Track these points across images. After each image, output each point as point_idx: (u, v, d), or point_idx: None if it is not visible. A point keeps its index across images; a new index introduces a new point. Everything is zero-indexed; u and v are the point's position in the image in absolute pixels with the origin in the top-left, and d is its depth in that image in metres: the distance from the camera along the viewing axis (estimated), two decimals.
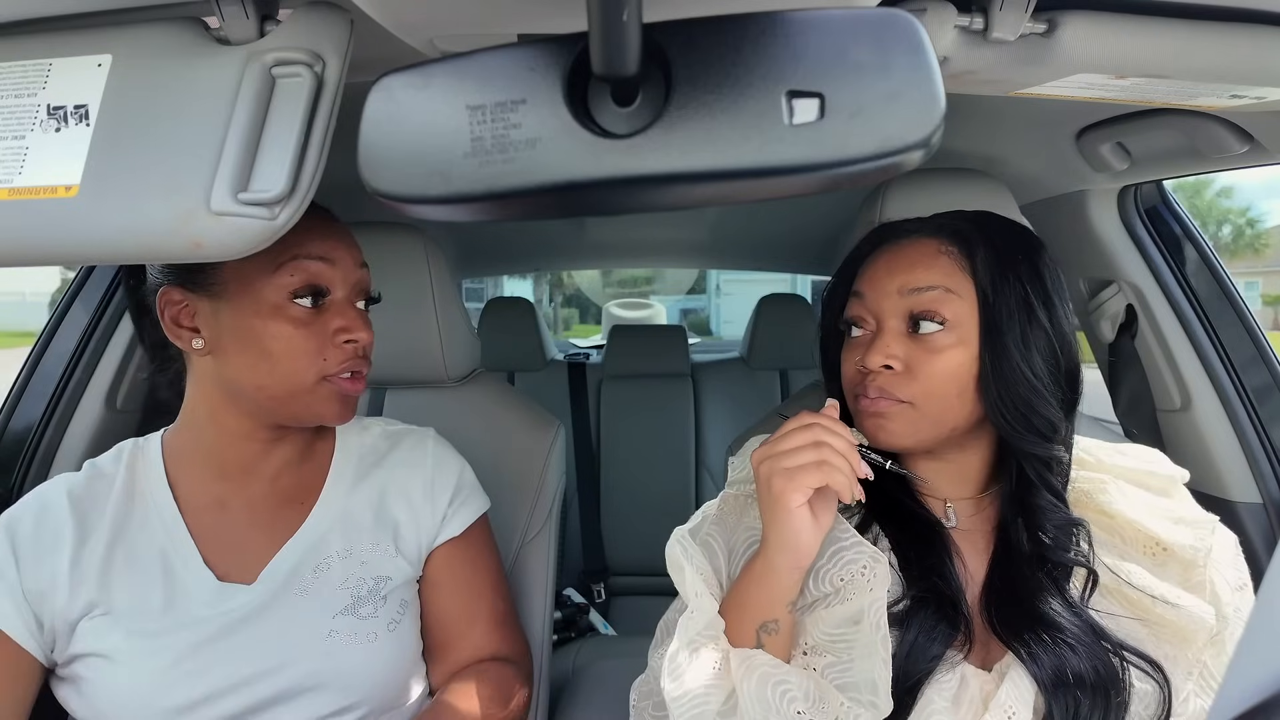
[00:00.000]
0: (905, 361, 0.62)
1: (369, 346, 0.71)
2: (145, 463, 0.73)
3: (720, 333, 9.86)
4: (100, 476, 0.72)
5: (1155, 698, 0.57)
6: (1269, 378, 1.02)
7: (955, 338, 0.62)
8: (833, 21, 0.30)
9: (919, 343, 0.62)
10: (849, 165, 0.29)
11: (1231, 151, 0.78)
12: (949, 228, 0.65)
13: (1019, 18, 0.50)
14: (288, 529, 0.73)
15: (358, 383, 0.70)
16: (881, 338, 0.63)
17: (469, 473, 0.83)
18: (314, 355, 0.67)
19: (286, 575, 0.70)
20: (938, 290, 0.62)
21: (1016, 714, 0.56)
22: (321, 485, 0.76)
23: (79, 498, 0.70)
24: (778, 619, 0.59)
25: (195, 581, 0.68)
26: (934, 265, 0.63)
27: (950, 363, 0.61)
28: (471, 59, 0.32)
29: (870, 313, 0.65)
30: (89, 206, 0.42)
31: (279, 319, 0.66)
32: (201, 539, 0.70)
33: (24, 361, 1.13)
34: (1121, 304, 1.09)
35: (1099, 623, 0.59)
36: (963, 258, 0.63)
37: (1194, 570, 0.60)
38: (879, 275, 0.66)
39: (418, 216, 0.33)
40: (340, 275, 0.69)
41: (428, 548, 0.77)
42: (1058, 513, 0.63)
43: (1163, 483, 0.67)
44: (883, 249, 0.68)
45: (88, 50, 0.45)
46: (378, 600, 0.71)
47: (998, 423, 0.62)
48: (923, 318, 0.62)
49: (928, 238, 0.66)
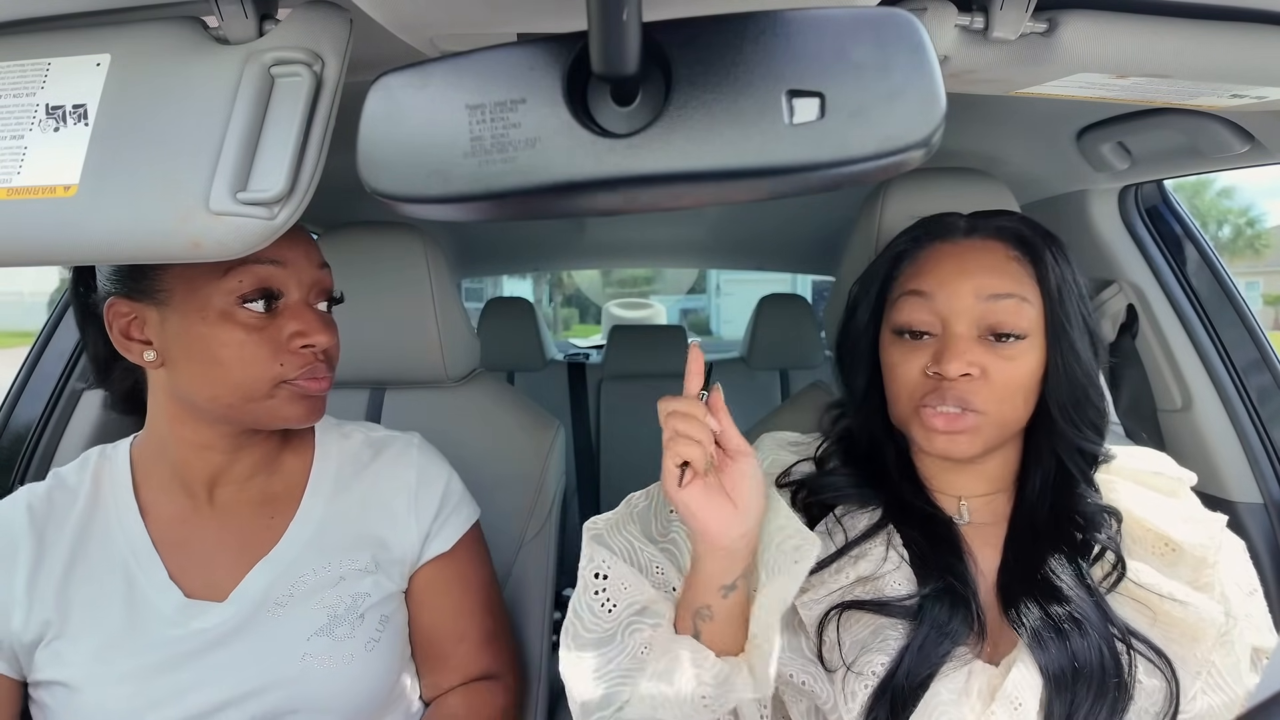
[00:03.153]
0: (981, 367, 0.61)
1: (331, 349, 0.67)
2: (111, 472, 0.70)
3: (720, 333, 9.86)
4: (62, 488, 0.69)
5: (1163, 694, 0.57)
6: (1270, 378, 1.02)
7: (1028, 345, 0.62)
8: (833, 21, 0.30)
9: (993, 350, 0.62)
10: (849, 165, 0.29)
11: (1232, 151, 0.78)
12: (1010, 232, 0.65)
13: (1019, 17, 0.49)
14: (260, 544, 0.69)
15: (321, 381, 0.66)
16: (956, 343, 0.61)
17: (456, 482, 0.79)
18: (268, 362, 0.63)
19: (260, 593, 0.67)
20: (1014, 299, 0.62)
21: (1023, 704, 0.56)
22: (298, 496, 0.72)
23: (38, 512, 0.67)
24: (709, 605, 0.58)
25: (160, 598, 0.65)
26: (1007, 271, 0.63)
27: (1024, 369, 0.62)
28: (471, 58, 0.32)
29: (937, 315, 0.63)
30: (87, 206, 0.42)
31: (229, 325, 0.62)
32: (167, 554, 0.67)
33: (23, 361, 1.13)
34: (1122, 304, 1.09)
35: (1111, 609, 0.59)
36: (1029, 264, 0.63)
37: (1204, 569, 0.61)
38: (948, 276, 0.63)
39: (417, 216, 0.33)
40: (294, 277, 0.65)
41: (412, 565, 0.74)
42: (1093, 499, 0.64)
43: (1170, 484, 0.67)
44: (939, 246, 0.66)
45: (86, 50, 0.45)
46: (354, 619, 0.68)
47: (1062, 421, 0.63)
48: (1003, 330, 0.62)
49: (990, 240, 0.65)
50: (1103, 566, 0.61)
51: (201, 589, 0.66)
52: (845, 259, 0.91)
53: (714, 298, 12.05)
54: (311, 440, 0.76)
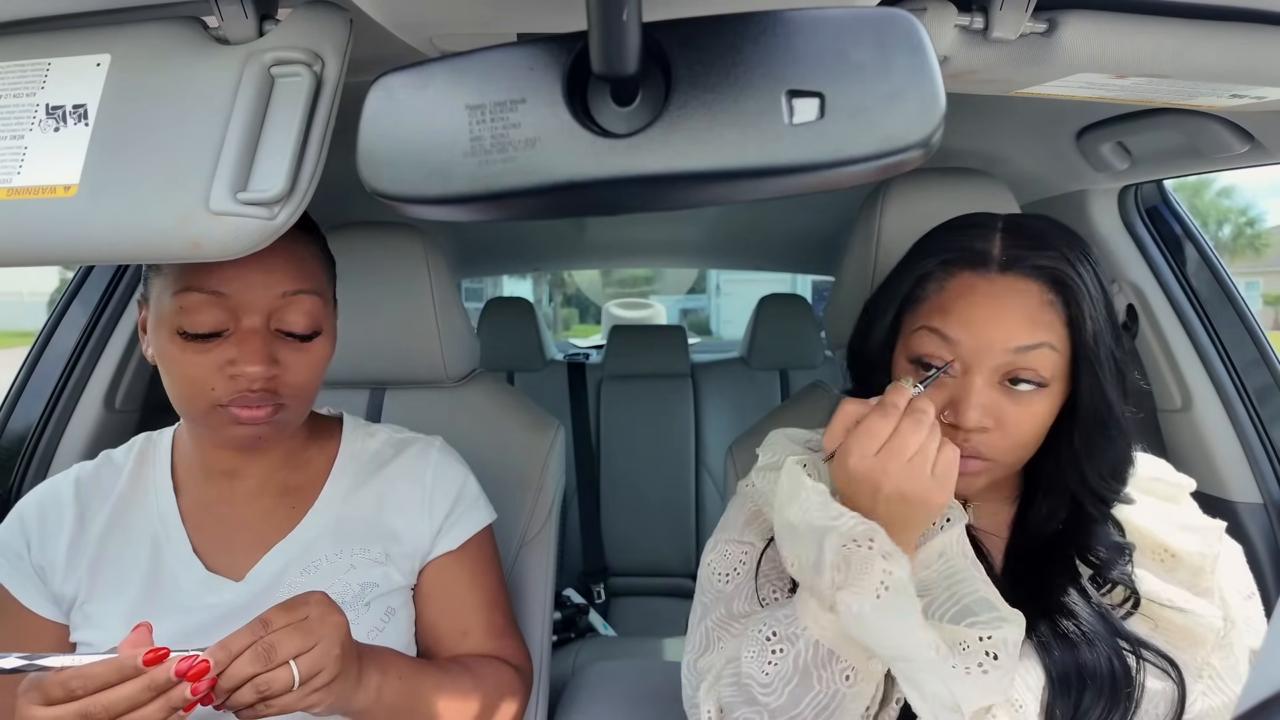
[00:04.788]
0: (997, 418, 0.58)
1: (269, 382, 0.65)
2: (154, 454, 0.75)
3: (720, 333, 9.85)
4: (109, 465, 0.75)
5: (1169, 697, 0.57)
6: (1269, 378, 1.02)
7: (1048, 392, 0.59)
8: (833, 21, 0.30)
9: (1010, 396, 0.58)
10: (849, 165, 0.29)
11: (1232, 151, 0.78)
12: (1050, 272, 0.59)
13: (1019, 17, 0.50)
14: (279, 530, 0.72)
15: (255, 410, 0.65)
16: (974, 393, 0.58)
17: (472, 485, 0.81)
18: (200, 384, 0.64)
19: (274, 575, 0.70)
20: (1044, 348, 0.57)
21: (1024, 706, 0.56)
22: (319, 488, 0.75)
23: (85, 485, 0.73)
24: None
25: (183, 569, 0.69)
26: (1040, 320, 0.58)
27: (1040, 416, 0.59)
28: (471, 58, 0.32)
29: (960, 359, 0.59)
30: (88, 206, 0.42)
31: (174, 343, 0.64)
32: (194, 531, 0.71)
33: (23, 361, 1.13)
34: (1122, 304, 1.08)
35: (1119, 623, 0.59)
36: (1064, 308, 0.59)
37: (1202, 576, 0.61)
38: (979, 324, 0.58)
39: (417, 216, 0.33)
40: (241, 305, 0.64)
41: (422, 560, 0.77)
42: (1110, 537, 0.62)
43: (1170, 490, 0.67)
44: (969, 281, 0.60)
45: (86, 50, 0.45)
46: (360, 607, 0.70)
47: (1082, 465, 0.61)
48: (1024, 378, 0.58)
49: (1027, 279, 0.59)
50: (1113, 596, 0.61)
51: (221, 567, 0.70)
52: (845, 259, 0.91)
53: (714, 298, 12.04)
54: (337, 437, 0.80)
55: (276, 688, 0.53)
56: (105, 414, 1.11)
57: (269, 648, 0.53)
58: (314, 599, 0.57)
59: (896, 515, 0.53)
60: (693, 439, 2.02)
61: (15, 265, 0.44)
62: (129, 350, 1.13)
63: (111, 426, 1.12)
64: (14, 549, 0.70)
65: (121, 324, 1.13)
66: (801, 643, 0.56)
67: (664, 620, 1.81)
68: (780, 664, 0.56)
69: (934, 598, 0.57)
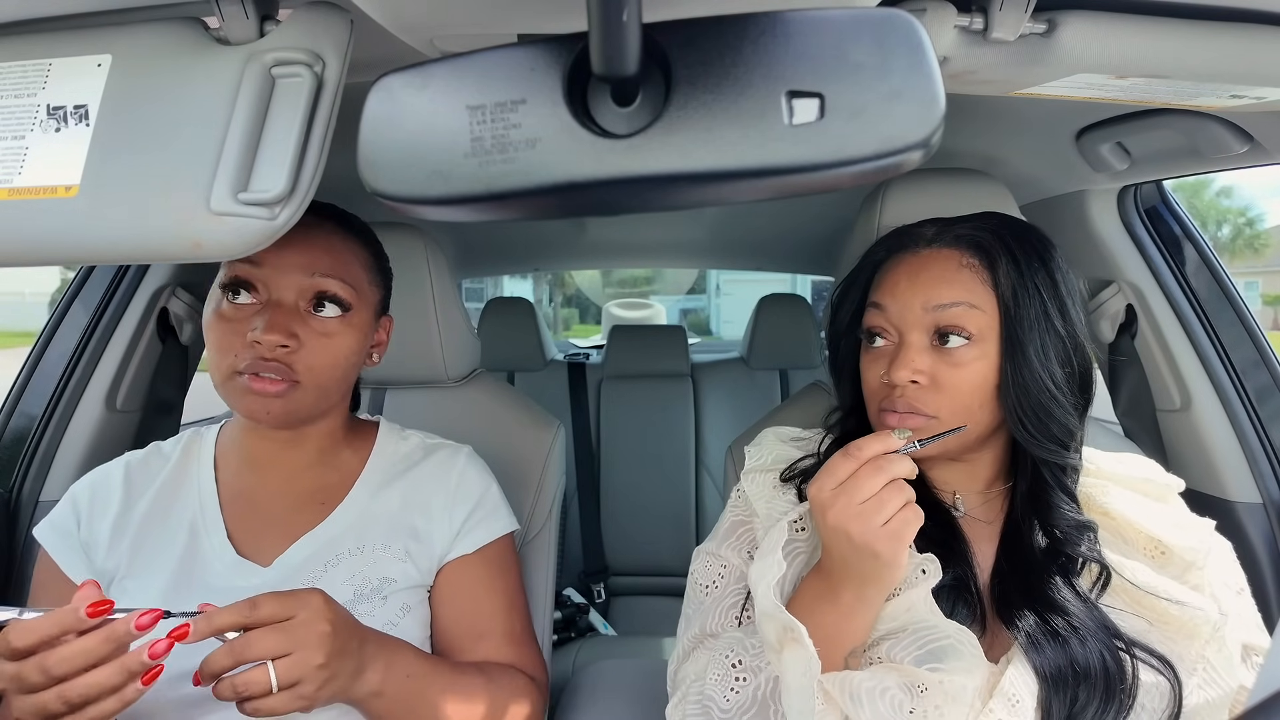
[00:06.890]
0: (930, 375, 0.62)
1: (285, 354, 0.68)
2: (200, 445, 0.80)
3: (720, 333, 9.86)
4: (158, 454, 0.80)
5: (1165, 691, 0.57)
6: (1269, 378, 1.02)
7: (979, 351, 0.62)
8: (833, 21, 0.30)
9: (943, 356, 0.63)
10: (849, 165, 0.29)
11: (1231, 151, 0.78)
12: (969, 239, 0.65)
13: (1019, 18, 0.50)
14: (308, 522, 0.75)
15: (265, 383, 0.68)
16: (905, 351, 0.63)
17: (494, 492, 0.83)
18: (225, 350, 0.69)
19: (299, 564, 0.73)
20: (962, 305, 0.62)
21: (1021, 701, 0.56)
22: (350, 487, 0.78)
23: (134, 470, 0.77)
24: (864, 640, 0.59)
25: (215, 552, 0.72)
26: (956, 280, 0.63)
27: (974, 375, 0.62)
28: (471, 59, 0.32)
29: (892, 325, 0.65)
30: (89, 206, 0.42)
31: (215, 313, 0.70)
32: (230, 519, 0.75)
33: (24, 361, 1.13)
34: (1121, 304, 1.09)
35: (1110, 619, 0.59)
36: (984, 270, 0.63)
37: (1192, 571, 0.61)
38: (900, 288, 0.65)
39: (417, 217, 0.33)
40: (276, 278, 0.69)
41: (440, 561, 0.78)
42: (1070, 513, 0.64)
43: (1159, 490, 0.68)
44: (901, 258, 0.67)
45: (87, 50, 0.45)
46: (377, 600, 0.72)
47: (1017, 431, 0.63)
48: (949, 332, 0.62)
49: (947, 248, 0.65)
50: (1089, 575, 0.62)
51: (251, 553, 0.73)
52: (845, 259, 0.91)
53: (714, 298, 12.06)
54: (372, 440, 0.83)
55: (254, 690, 0.54)
56: (106, 414, 1.11)
57: (244, 644, 0.55)
58: (311, 602, 0.58)
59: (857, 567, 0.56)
60: (692, 439, 2.03)
61: (16, 265, 0.44)
62: (130, 350, 1.13)
63: (112, 426, 1.12)
64: (65, 527, 0.74)
65: (122, 324, 1.13)
66: (763, 676, 0.59)
67: (664, 620, 1.82)
68: (741, 693, 0.59)
69: (898, 640, 0.58)
